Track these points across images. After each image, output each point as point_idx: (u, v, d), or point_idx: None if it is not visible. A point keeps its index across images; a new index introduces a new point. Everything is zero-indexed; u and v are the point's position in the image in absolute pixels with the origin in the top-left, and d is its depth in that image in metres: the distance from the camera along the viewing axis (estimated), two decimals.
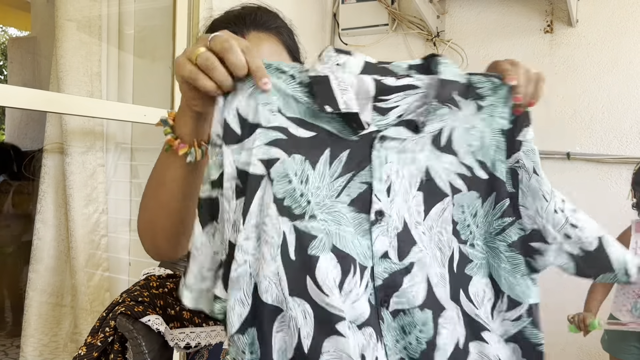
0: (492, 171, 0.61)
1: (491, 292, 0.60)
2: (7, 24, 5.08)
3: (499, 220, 0.61)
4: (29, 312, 1.47)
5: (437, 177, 0.59)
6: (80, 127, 1.52)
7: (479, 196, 0.60)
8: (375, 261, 0.54)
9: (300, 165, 0.54)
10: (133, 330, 0.79)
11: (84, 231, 1.51)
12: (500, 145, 0.61)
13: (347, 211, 0.55)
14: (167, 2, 1.63)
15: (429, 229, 0.58)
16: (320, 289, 0.50)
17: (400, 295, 0.54)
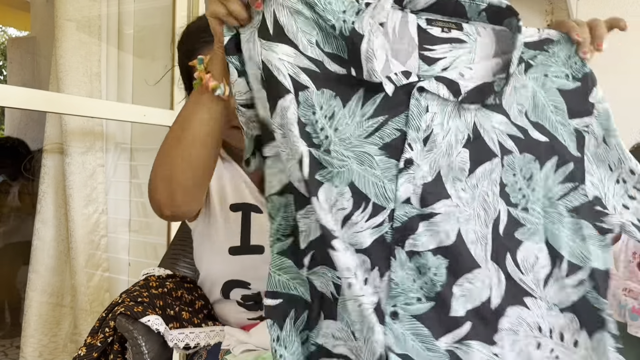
0: (553, 133, 0.60)
1: (547, 259, 0.59)
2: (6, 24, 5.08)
3: (561, 185, 0.60)
4: (29, 313, 1.47)
5: (486, 136, 0.59)
6: (80, 127, 1.52)
7: (535, 159, 0.60)
8: (397, 205, 0.56)
9: (328, 100, 0.57)
10: (133, 330, 0.79)
11: (83, 231, 1.51)
12: (559, 105, 0.60)
13: (377, 154, 0.57)
14: (167, 2, 1.63)
15: (472, 187, 0.58)
16: (321, 207, 0.55)
17: (415, 239, 0.56)
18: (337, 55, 0.57)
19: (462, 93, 0.57)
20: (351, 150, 0.57)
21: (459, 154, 0.58)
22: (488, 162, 0.59)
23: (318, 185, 0.56)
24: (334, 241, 0.54)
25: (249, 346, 0.84)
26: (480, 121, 0.59)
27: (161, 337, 0.82)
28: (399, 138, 0.57)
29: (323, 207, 0.55)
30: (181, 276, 1.00)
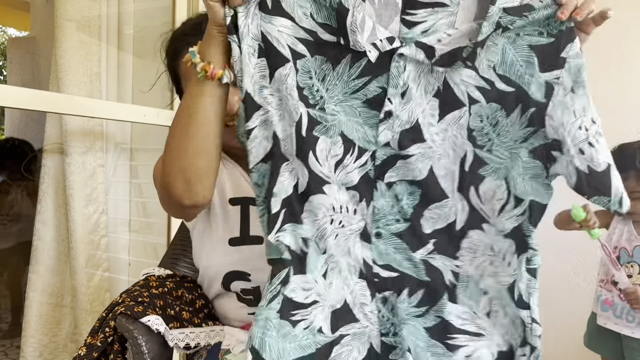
0: (520, 84, 0.66)
1: (504, 193, 0.68)
2: (6, 24, 5.08)
3: (525, 129, 0.67)
4: (29, 313, 1.47)
5: (455, 88, 0.66)
6: (80, 127, 1.52)
7: (500, 108, 0.67)
8: (377, 147, 0.68)
9: (320, 64, 0.66)
10: (133, 330, 0.80)
11: (83, 231, 1.52)
12: (530, 59, 0.65)
13: (360, 106, 0.67)
14: (167, 2, 1.64)
15: (443, 130, 0.68)
16: (316, 160, 0.66)
17: (393, 172, 0.68)
18: (328, 25, 0.64)
19: (436, 57, 0.65)
20: (339, 105, 0.67)
21: (429, 102, 0.67)
22: (457, 110, 0.67)
23: (315, 140, 0.66)
24: (325, 186, 0.66)
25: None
26: (451, 75, 0.66)
27: (161, 337, 0.82)
28: (381, 94, 0.66)
29: (318, 159, 0.66)
30: (181, 275, 1.00)
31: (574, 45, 0.65)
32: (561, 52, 0.65)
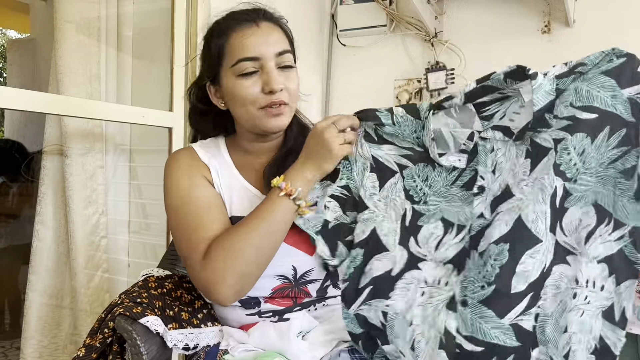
0: (604, 108, 0.68)
1: (592, 219, 0.69)
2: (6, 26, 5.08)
3: (615, 149, 0.68)
4: (29, 314, 1.47)
5: (539, 139, 0.72)
6: (80, 128, 1.52)
7: (586, 136, 0.69)
8: (473, 220, 0.76)
9: (422, 169, 0.82)
10: (132, 331, 0.80)
11: (83, 232, 1.52)
12: (606, 83, 0.69)
13: (458, 192, 0.79)
14: (166, 4, 1.64)
15: (533, 180, 0.71)
16: (417, 243, 0.79)
17: (484, 239, 0.73)
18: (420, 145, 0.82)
19: (515, 134, 0.74)
20: (441, 196, 0.80)
21: (522, 165, 0.73)
22: (545, 157, 0.71)
23: (418, 229, 0.80)
24: (420, 263, 0.78)
25: (247, 346, 0.84)
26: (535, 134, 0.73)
27: (160, 337, 0.83)
28: (474, 176, 0.77)
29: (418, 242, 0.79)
30: (180, 276, 1.00)
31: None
32: (637, 68, 0.69)
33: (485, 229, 0.74)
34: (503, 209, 0.72)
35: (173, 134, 1.60)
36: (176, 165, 0.91)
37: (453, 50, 2.33)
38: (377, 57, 2.49)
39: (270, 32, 0.88)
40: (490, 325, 0.67)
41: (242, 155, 0.95)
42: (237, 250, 0.78)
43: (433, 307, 0.74)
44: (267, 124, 0.87)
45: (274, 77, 0.85)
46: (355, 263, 0.80)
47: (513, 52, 2.24)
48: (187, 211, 0.85)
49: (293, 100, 0.89)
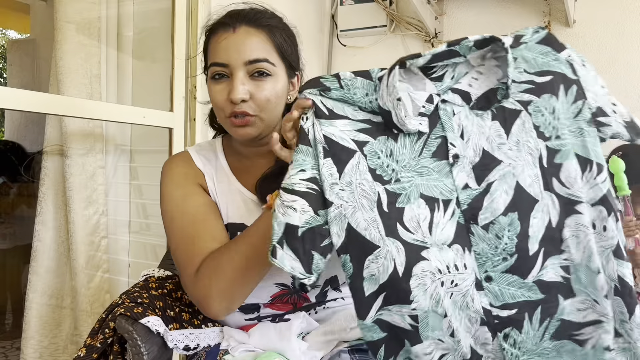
0: (552, 69, 0.73)
1: (578, 166, 0.72)
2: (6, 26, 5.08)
3: (574, 104, 0.73)
4: (29, 314, 1.47)
5: (506, 102, 0.72)
6: (80, 129, 1.52)
7: (550, 95, 0.72)
8: (458, 192, 0.70)
9: (384, 143, 0.72)
10: (132, 331, 0.80)
11: (84, 233, 1.52)
12: (543, 50, 0.74)
13: (430, 163, 0.71)
14: (166, 4, 1.64)
15: (515, 143, 0.71)
16: (407, 230, 0.69)
17: (484, 212, 0.70)
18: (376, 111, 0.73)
19: (473, 100, 0.72)
20: (412, 170, 0.71)
21: (491, 128, 0.71)
22: (518, 119, 0.71)
23: (400, 212, 0.70)
24: (423, 252, 0.68)
25: (247, 347, 0.84)
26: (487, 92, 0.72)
27: (161, 338, 0.83)
28: (442, 142, 0.72)
29: (409, 228, 0.69)
30: None
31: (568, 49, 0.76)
32: (556, 38, 0.75)
33: (478, 200, 0.70)
34: (495, 177, 0.71)
35: (173, 135, 1.60)
36: (170, 174, 0.90)
37: None
38: (377, 58, 2.49)
39: (245, 39, 0.84)
40: (516, 287, 0.70)
41: (238, 159, 0.94)
42: (222, 270, 0.78)
43: (462, 294, 0.69)
44: (232, 132, 0.86)
45: (235, 87, 0.82)
46: (349, 272, 0.69)
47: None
48: (181, 224, 0.85)
49: (264, 110, 0.85)
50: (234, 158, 0.94)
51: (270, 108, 0.85)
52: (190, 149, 0.95)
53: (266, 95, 0.84)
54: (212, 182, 0.91)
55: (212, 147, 0.96)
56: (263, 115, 0.85)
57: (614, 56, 2.08)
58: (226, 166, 0.93)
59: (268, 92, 0.84)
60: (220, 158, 0.94)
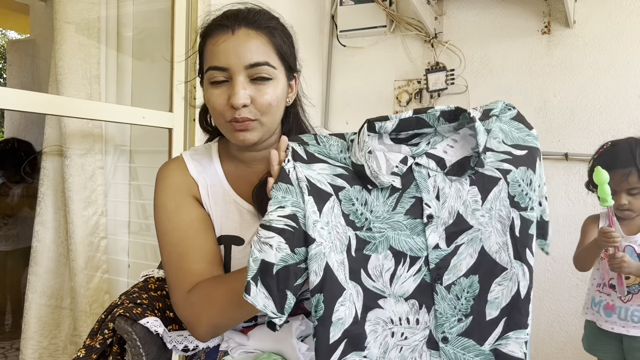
0: (527, 145, 0.76)
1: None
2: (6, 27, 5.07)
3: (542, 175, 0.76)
4: (29, 315, 1.47)
5: (486, 170, 0.74)
6: (79, 129, 1.52)
7: (527, 168, 0.75)
8: (429, 251, 0.73)
9: (359, 192, 0.74)
10: (132, 332, 0.80)
11: (83, 233, 1.52)
12: (519, 126, 0.77)
13: (403, 219, 0.74)
14: (166, 5, 1.64)
15: (488, 210, 0.74)
16: (369, 276, 0.72)
17: (448, 272, 0.73)
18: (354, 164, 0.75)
19: (448, 167, 0.74)
20: (385, 222, 0.73)
21: (469, 192, 0.74)
22: (495, 186, 0.74)
23: (366, 258, 0.72)
24: (380, 300, 0.72)
25: (247, 348, 0.84)
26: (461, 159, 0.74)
27: (160, 339, 0.83)
28: (417, 202, 0.74)
29: (371, 275, 0.72)
30: None
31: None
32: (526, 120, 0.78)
33: (446, 260, 0.73)
34: (464, 240, 0.73)
35: (173, 135, 1.60)
36: (164, 183, 0.87)
37: (453, 51, 2.33)
38: (377, 58, 2.49)
39: (245, 41, 0.81)
40: (472, 354, 0.72)
41: (234, 164, 0.91)
42: (215, 303, 0.77)
43: (412, 349, 0.72)
44: (232, 137, 0.83)
45: (236, 92, 0.79)
46: (319, 314, 0.67)
47: (513, 52, 2.24)
48: (172, 239, 0.83)
49: (265, 114, 0.82)
50: (229, 164, 0.92)
51: (272, 112, 0.84)
52: (185, 155, 0.91)
53: (267, 99, 0.82)
54: (205, 193, 0.88)
55: (208, 151, 0.93)
56: (264, 119, 0.83)
57: (613, 56, 2.08)
58: (221, 173, 0.90)
59: (269, 96, 0.82)
60: (215, 164, 0.91)
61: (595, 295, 1.56)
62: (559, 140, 2.17)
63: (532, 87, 2.21)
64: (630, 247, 1.49)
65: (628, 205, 1.46)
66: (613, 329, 1.50)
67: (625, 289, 1.46)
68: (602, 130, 2.09)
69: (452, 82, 2.27)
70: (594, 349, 1.60)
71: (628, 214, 1.48)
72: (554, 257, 2.15)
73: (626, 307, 1.48)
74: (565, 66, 2.16)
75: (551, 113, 2.18)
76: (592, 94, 2.11)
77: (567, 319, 2.15)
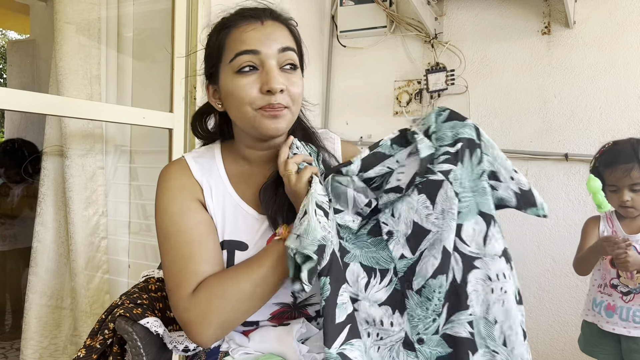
0: (461, 137, 0.80)
1: (482, 225, 0.79)
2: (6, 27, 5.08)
3: (479, 166, 0.81)
4: (29, 315, 1.47)
5: (430, 175, 0.79)
6: (80, 129, 1.52)
7: (459, 163, 0.79)
8: (396, 262, 0.78)
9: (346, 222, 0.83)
10: (132, 332, 0.80)
11: (83, 234, 1.52)
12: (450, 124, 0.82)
13: (367, 239, 0.81)
14: (166, 5, 1.64)
15: (440, 212, 0.78)
16: (347, 282, 0.78)
17: (417, 277, 0.77)
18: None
19: (404, 190, 0.80)
20: (352, 243, 0.81)
21: (418, 201, 0.79)
22: (440, 189, 0.78)
23: (346, 265, 0.79)
24: (355, 304, 0.77)
25: (247, 350, 0.84)
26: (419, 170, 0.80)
27: (160, 339, 0.83)
28: (376, 224, 0.81)
29: (348, 281, 0.78)
30: None
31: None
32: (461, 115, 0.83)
33: (412, 267, 0.78)
34: (426, 245, 0.78)
35: (173, 135, 1.60)
36: (166, 186, 0.85)
37: (453, 51, 2.33)
38: (377, 59, 2.49)
39: (274, 30, 0.83)
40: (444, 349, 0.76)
41: (238, 166, 0.90)
42: (227, 298, 0.76)
43: (388, 348, 0.76)
44: (263, 125, 0.82)
45: (273, 76, 0.80)
46: (325, 294, 0.72)
47: (513, 53, 2.24)
48: (176, 243, 0.81)
49: (295, 104, 0.84)
50: (233, 165, 0.90)
51: (299, 102, 0.86)
52: (187, 157, 0.90)
53: (297, 89, 0.84)
54: (209, 196, 0.86)
55: (211, 153, 0.92)
56: (294, 109, 0.84)
57: (613, 57, 2.08)
58: (225, 176, 0.89)
59: (299, 86, 0.84)
60: (218, 167, 0.89)
61: (597, 296, 1.56)
62: (559, 140, 2.17)
63: (532, 87, 2.21)
64: (632, 247, 1.48)
65: (631, 202, 1.45)
66: (614, 329, 1.50)
67: (636, 281, 1.46)
68: (602, 131, 2.09)
69: (452, 82, 2.27)
70: (591, 350, 1.60)
71: (631, 211, 1.47)
72: (553, 257, 2.16)
73: (628, 307, 1.48)
74: (566, 66, 2.16)
75: (551, 113, 2.18)
76: (592, 94, 2.11)
77: (567, 319, 2.15)
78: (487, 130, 2.34)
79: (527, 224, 2.19)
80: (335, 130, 1.04)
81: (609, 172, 1.49)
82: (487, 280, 0.77)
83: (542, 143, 2.19)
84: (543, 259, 2.19)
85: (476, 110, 2.29)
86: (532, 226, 2.19)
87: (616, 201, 1.48)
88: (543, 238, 2.18)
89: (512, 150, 2.21)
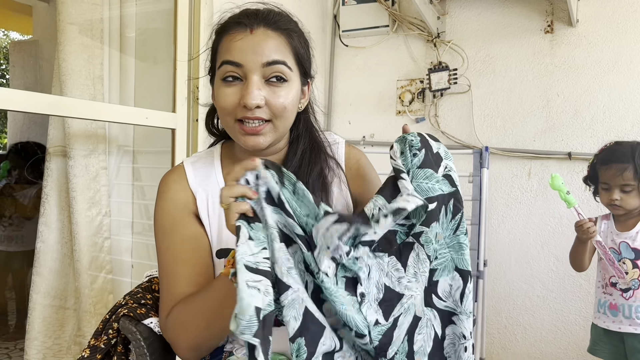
0: (437, 194, 0.78)
1: (459, 281, 0.79)
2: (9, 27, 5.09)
3: (453, 220, 0.79)
4: (33, 315, 1.48)
5: (398, 238, 0.77)
6: (83, 130, 1.53)
7: (436, 223, 0.78)
8: (371, 328, 0.71)
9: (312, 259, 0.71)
10: (136, 332, 0.80)
11: (87, 234, 1.52)
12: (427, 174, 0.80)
13: (345, 295, 0.71)
14: (169, 5, 1.64)
15: (413, 275, 0.76)
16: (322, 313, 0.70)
17: (392, 345, 0.73)
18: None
19: (375, 243, 0.75)
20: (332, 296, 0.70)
21: (389, 263, 0.76)
22: (412, 251, 0.77)
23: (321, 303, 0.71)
24: (335, 355, 0.71)
25: None
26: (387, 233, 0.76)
27: (164, 339, 0.83)
28: (354, 280, 0.73)
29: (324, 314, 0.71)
30: None
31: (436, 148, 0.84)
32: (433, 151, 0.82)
33: (387, 335, 0.73)
34: (400, 311, 0.75)
35: (176, 135, 1.60)
36: (163, 197, 0.86)
37: (456, 50, 2.33)
38: (379, 58, 2.49)
39: (263, 40, 0.79)
40: None
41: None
42: (187, 327, 0.76)
43: None
44: (241, 141, 0.81)
45: (250, 91, 0.77)
46: (302, 357, 0.65)
47: (516, 52, 2.24)
48: (165, 259, 0.83)
49: (279, 117, 0.80)
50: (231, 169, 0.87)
51: (285, 116, 0.81)
52: (186, 163, 0.89)
53: (282, 102, 0.79)
54: (204, 205, 0.85)
55: (210, 158, 0.91)
56: (277, 122, 0.81)
57: (617, 55, 2.08)
58: (222, 182, 0.87)
59: (284, 99, 0.80)
60: (217, 173, 0.88)
61: (601, 297, 1.56)
62: (562, 139, 2.16)
63: (535, 86, 2.20)
64: (624, 243, 1.51)
65: (619, 202, 1.48)
66: (620, 328, 1.50)
67: (623, 273, 1.48)
68: (606, 130, 2.08)
69: (454, 81, 2.26)
70: (595, 349, 1.60)
71: (618, 210, 1.50)
72: (557, 257, 2.15)
73: (629, 305, 1.48)
74: (569, 65, 2.15)
75: (554, 112, 2.17)
76: (596, 93, 2.11)
77: (571, 318, 2.14)
78: (490, 129, 2.34)
79: (530, 223, 2.18)
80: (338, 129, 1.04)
81: (604, 169, 1.52)
82: (461, 337, 0.78)
83: (545, 142, 2.19)
84: (547, 259, 2.18)
85: (479, 109, 2.29)
86: (535, 226, 2.18)
87: (606, 199, 1.51)
88: (547, 237, 2.18)
89: (515, 149, 2.21)
